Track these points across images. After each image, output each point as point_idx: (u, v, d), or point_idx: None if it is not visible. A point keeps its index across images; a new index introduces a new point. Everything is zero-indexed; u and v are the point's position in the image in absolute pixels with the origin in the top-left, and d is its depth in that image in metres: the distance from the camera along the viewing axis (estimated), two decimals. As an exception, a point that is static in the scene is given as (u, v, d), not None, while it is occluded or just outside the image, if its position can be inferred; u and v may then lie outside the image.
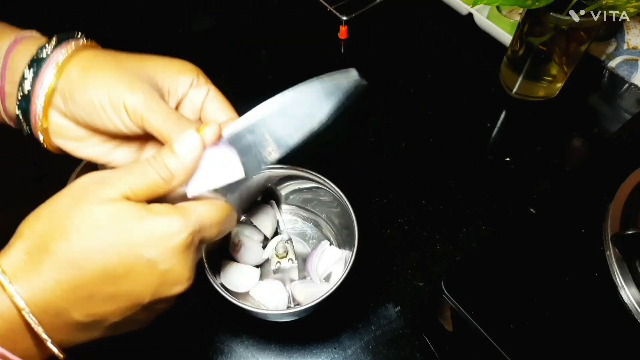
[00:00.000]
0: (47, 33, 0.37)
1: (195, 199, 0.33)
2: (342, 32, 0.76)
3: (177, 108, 0.38)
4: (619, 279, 0.41)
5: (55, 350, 0.29)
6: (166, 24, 0.80)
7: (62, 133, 0.37)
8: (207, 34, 0.79)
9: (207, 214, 0.32)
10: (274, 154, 0.36)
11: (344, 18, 0.75)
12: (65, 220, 0.29)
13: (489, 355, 0.39)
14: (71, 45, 0.35)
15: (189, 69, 0.37)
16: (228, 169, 0.34)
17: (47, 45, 0.35)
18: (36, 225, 0.29)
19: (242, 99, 0.41)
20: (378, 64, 0.75)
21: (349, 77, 0.36)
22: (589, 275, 0.42)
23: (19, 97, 0.35)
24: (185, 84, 0.37)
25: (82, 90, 0.34)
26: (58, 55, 0.34)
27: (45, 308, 0.28)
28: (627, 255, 0.41)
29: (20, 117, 0.36)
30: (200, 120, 0.38)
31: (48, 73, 0.34)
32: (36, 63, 0.34)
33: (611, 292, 0.41)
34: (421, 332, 0.50)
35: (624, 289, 0.40)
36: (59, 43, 0.35)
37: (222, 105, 0.38)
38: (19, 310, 0.27)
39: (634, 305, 0.39)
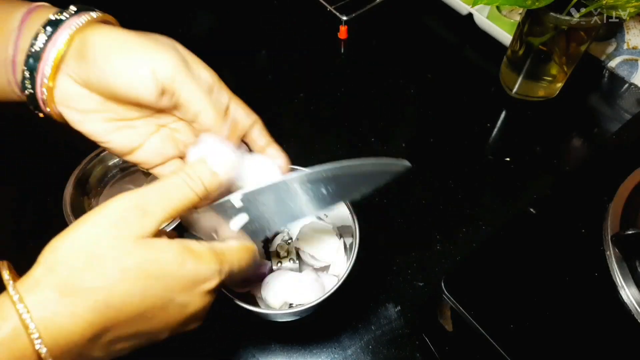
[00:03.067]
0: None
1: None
2: (342, 32, 0.76)
3: None
4: (619, 279, 0.41)
5: None
6: (166, 24, 0.80)
7: (68, 101, 0.35)
8: (207, 34, 0.79)
9: (238, 257, 0.33)
10: (310, 212, 0.38)
11: (344, 18, 0.75)
12: (106, 258, 0.27)
13: (489, 355, 0.39)
14: (90, 15, 0.34)
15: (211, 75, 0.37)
16: (267, 173, 0.37)
17: (64, 11, 0.34)
18: (71, 259, 0.27)
19: (241, 99, 0.41)
20: (378, 64, 0.75)
21: (399, 165, 0.38)
22: (589, 275, 0.42)
23: (29, 54, 0.33)
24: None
25: (103, 50, 0.32)
26: (77, 20, 0.33)
27: (70, 349, 0.27)
28: (627, 255, 0.41)
29: (27, 74, 0.34)
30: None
31: (64, 33, 0.33)
32: (52, 24, 0.33)
33: (611, 292, 0.41)
34: (421, 332, 0.50)
35: (624, 289, 0.40)
36: (77, 12, 0.34)
37: (244, 110, 0.38)
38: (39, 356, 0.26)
39: (634, 305, 0.39)
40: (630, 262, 0.41)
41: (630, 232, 0.41)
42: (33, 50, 0.33)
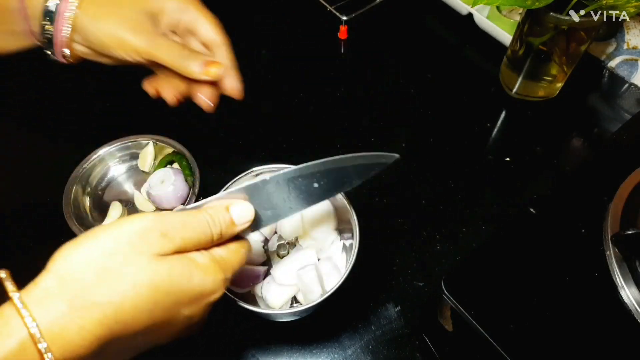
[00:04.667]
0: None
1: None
2: (342, 32, 0.76)
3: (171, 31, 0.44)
4: (619, 279, 0.41)
5: None
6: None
7: (83, 52, 0.43)
8: (207, 34, 0.79)
9: (238, 259, 0.34)
10: (300, 206, 0.39)
11: (344, 18, 0.75)
12: (119, 274, 0.27)
13: (489, 355, 0.39)
14: None
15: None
16: None
17: None
18: (84, 273, 0.27)
19: (241, 99, 0.41)
20: (378, 64, 0.75)
21: (388, 157, 0.39)
22: (589, 275, 0.42)
23: (44, 11, 0.40)
24: (175, 12, 0.43)
25: (93, 30, 0.40)
26: None
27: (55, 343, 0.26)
28: (627, 255, 0.41)
29: (47, 20, 0.41)
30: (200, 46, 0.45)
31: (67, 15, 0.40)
32: None
33: (611, 292, 0.41)
34: (421, 332, 0.50)
35: (624, 289, 0.40)
36: None
37: (212, 27, 0.44)
38: None
39: (634, 305, 0.39)
40: (630, 262, 0.41)
41: (630, 232, 0.41)
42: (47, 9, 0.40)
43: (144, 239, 0.28)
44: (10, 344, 0.25)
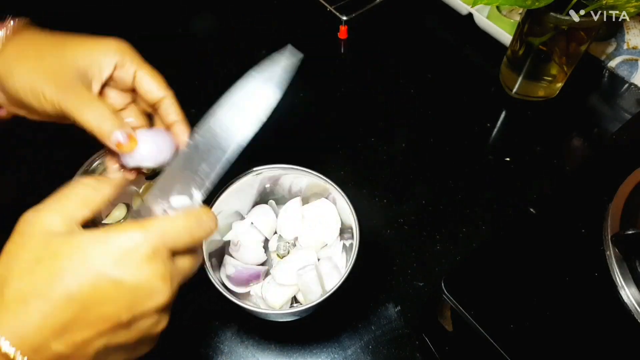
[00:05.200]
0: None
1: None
2: (342, 32, 0.76)
3: (103, 88, 0.40)
4: (619, 279, 0.41)
5: None
6: (166, 24, 0.80)
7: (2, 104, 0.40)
8: (207, 34, 0.79)
9: (171, 224, 0.31)
10: (233, 146, 0.37)
11: (344, 18, 0.75)
12: (19, 256, 0.28)
13: (489, 355, 0.39)
14: (8, 27, 0.38)
15: (113, 50, 0.39)
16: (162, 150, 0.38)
17: None
18: (19, 268, 0.28)
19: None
20: (378, 64, 0.75)
21: (285, 55, 0.38)
22: (589, 275, 0.42)
23: None
24: (109, 66, 0.38)
25: (9, 82, 0.37)
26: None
27: (21, 345, 0.27)
28: (627, 255, 0.41)
29: None
30: (132, 96, 0.41)
31: None
32: None
33: (611, 292, 0.41)
34: (421, 332, 0.50)
35: (624, 289, 0.40)
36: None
37: (153, 84, 0.39)
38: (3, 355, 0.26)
39: (634, 305, 0.39)
40: (630, 262, 0.41)
41: (630, 232, 0.41)
42: None
43: (30, 220, 0.31)
44: None
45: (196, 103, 0.48)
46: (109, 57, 0.38)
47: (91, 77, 0.38)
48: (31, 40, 0.39)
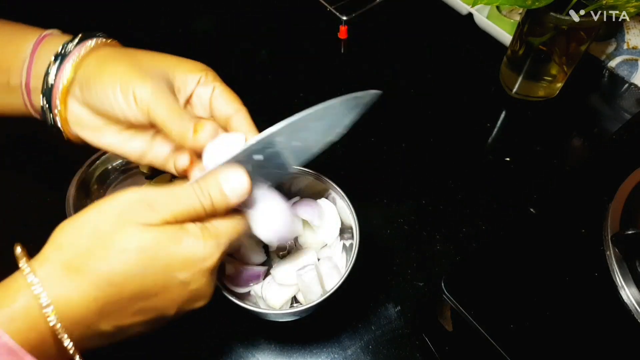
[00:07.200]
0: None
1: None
2: (342, 32, 0.76)
3: (186, 104, 0.40)
4: (619, 279, 0.41)
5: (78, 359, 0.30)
6: (166, 24, 0.80)
7: (80, 122, 0.39)
8: (207, 33, 0.79)
9: (234, 231, 0.34)
10: (294, 163, 0.38)
11: (344, 18, 0.75)
12: (110, 241, 0.30)
13: (489, 355, 0.39)
14: (92, 42, 0.38)
15: (198, 68, 0.39)
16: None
17: (70, 42, 0.38)
18: (78, 240, 0.30)
19: (242, 99, 0.41)
20: (378, 64, 0.75)
21: (369, 95, 0.39)
22: (589, 275, 0.42)
23: (43, 89, 0.38)
24: (192, 82, 0.39)
25: (97, 79, 0.36)
26: (80, 50, 0.38)
27: (78, 321, 0.29)
28: (627, 255, 0.41)
29: (45, 108, 0.39)
30: (210, 115, 0.41)
31: (68, 66, 0.37)
32: (60, 57, 0.37)
33: (611, 292, 0.41)
34: (421, 332, 0.50)
35: (624, 289, 0.40)
36: (81, 40, 0.38)
37: (228, 100, 0.39)
38: (51, 328, 0.28)
39: (634, 305, 0.39)
40: (630, 262, 0.41)
41: (630, 232, 0.41)
42: (46, 86, 0.38)
43: (131, 210, 0.31)
44: (18, 303, 0.28)
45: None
46: (195, 73, 0.38)
47: (177, 90, 0.38)
48: (122, 51, 0.39)
